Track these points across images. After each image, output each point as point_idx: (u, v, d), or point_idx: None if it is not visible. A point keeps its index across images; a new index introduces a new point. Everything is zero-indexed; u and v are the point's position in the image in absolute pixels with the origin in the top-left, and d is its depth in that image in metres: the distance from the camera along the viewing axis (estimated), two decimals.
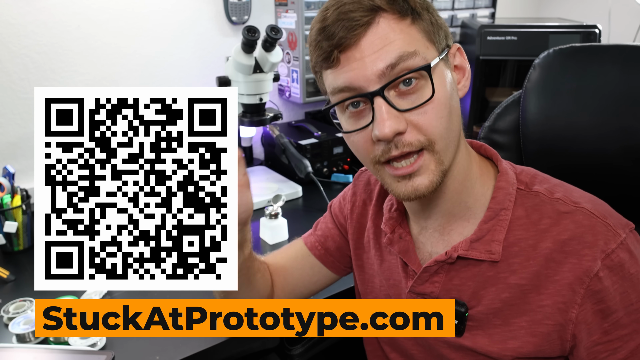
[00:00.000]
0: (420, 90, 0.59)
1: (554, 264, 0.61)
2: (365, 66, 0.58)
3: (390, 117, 0.58)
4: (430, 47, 0.61)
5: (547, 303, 0.61)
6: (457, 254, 0.65)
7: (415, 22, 0.60)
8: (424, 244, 0.72)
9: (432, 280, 0.69)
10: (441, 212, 0.68)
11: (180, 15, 1.56)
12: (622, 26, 2.05)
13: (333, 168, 1.61)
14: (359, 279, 0.84)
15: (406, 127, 0.59)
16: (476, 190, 0.67)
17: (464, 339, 0.67)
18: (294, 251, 0.90)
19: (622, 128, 0.80)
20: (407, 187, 0.61)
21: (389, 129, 0.58)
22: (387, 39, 0.58)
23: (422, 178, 0.61)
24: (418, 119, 0.59)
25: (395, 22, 0.59)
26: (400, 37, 0.58)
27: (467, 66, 0.66)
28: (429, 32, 0.61)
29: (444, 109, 0.60)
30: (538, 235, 0.63)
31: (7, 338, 0.88)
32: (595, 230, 0.60)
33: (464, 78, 0.66)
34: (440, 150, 0.60)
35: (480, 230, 0.65)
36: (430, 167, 0.61)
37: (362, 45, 0.58)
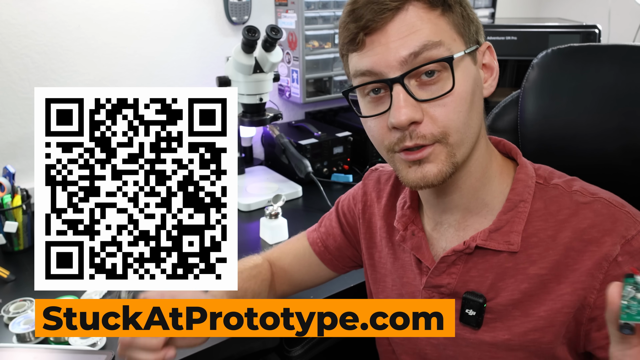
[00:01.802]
0: (442, 82, 0.59)
1: (574, 253, 0.61)
2: (389, 51, 0.58)
3: (407, 105, 0.58)
4: (458, 39, 0.60)
5: (567, 291, 0.61)
6: (476, 244, 0.65)
7: (445, 14, 0.59)
8: (438, 239, 0.71)
9: (449, 272, 0.68)
10: (457, 207, 0.68)
11: (180, 16, 1.56)
12: (622, 26, 2.06)
13: (333, 168, 1.61)
14: (371, 278, 0.84)
15: (422, 118, 0.59)
16: (494, 187, 0.67)
17: (482, 333, 0.66)
18: (296, 245, 0.92)
19: (621, 128, 0.80)
20: (417, 174, 0.62)
21: (405, 117, 0.58)
22: (414, 27, 0.58)
23: (432, 166, 0.61)
24: (435, 110, 0.59)
25: (424, 11, 0.58)
26: (427, 26, 0.58)
27: (495, 66, 0.66)
28: (458, 25, 0.60)
29: (464, 103, 0.60)
30: (557, 226, 0.63)
31: (8, 338, 0.88)
32: (615, 217, 0.60)
33: (492, 77, 0.66)
34: (453, 143, 0.60)
35: (499, 220, 0.65)
36: (441, 157, 0.61)
37: (389, 30, 0.58)
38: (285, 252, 0.92)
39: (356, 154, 1.66)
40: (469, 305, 0.66)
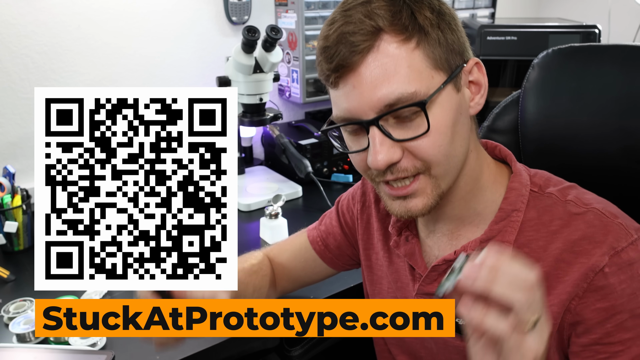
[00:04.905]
0: (419, 119, 0.58)
1: (564, 265, 0.61)
2: (362, 99, 0.57)
3: (383, 149, 0.57)
4: (436, 74, 0.58)
5: (554, 302, 0.60)
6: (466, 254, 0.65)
7: (420, 45, 0.57)
8: (432, 247, 0.71)
9: (440, 280, 0.68)
10: (450, 217, 0.68)
11: (180, 16, 1.56)
12: (622, 26, 2.06)
13: (333, 168, 1.61)
14: (367, 279, 0.84)
15: (401, 157, 0.59)
16: (487, 197, 0.67)
17: None
18: (295, 242, 0.93)
19: (622, 128, 0.80)
20: (402, 208, 0.62)
21: (382, 162, 0.58)
22: (387, 72, 0.56)
23: (417, 201, 0.61)
24: (414, 146, 0.58)
25: (397, 45, 0.56)
26: (401, 70, 0.56)
27: (483, 82, 0.64)
28: (434, 58, 0.58)
29: (444, 138, 0.59)
30: (548, 237, 0.62)
31: (8, 338, 0.88)
32: (607, 229, 0.59)
33: (479, 95, 0.64)
34: (437, 175, 0.60)
35: (490, 230, 0.65)
36: (426, 191, 0.61)
37: (361, 72, 0.57)
38: (285, 249, 0.93)
39: None
40: None
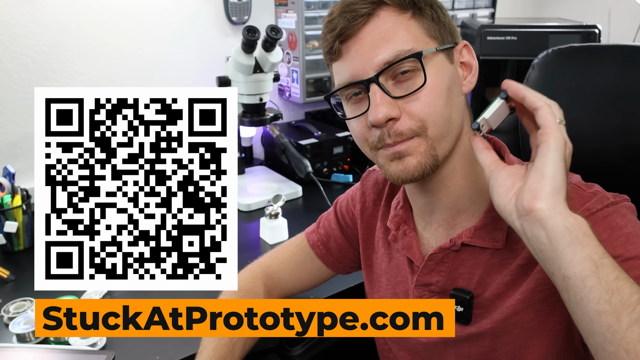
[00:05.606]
0: (415, 78, 0.61)
1: None
2: (364, 59, 0.61)
3: (384, 103, 0.60)
4: (430, 42, 0.63)
5: (539, 269, 0.61)
6: (462, 241, 0.66)
7: (415, 17, 0.62)
8: (429, 239, 0.72)
9: (437, 270, 0.69)
10: (445, 206, 0.69)
11: (180, 16, 1.56)
12: (622, 26, 2.06)
13: (333, 168, 1.61)
14: (367, 279, 0.84)
15: (399, 114, 0.61)
16: (481, 184, 0.68)
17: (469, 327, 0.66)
18: (295, 251, 0.92)
19: (621, 127, 0.80)
20: (398, 166, 0.63)
21: (382, 114, 0.60)
22: (387, 34, 0.61)
23: (411, 158, 0.62)
24: (411, 106, 0.61)
25: (395, 15, 0.62)
26: (400, 33, 0.61)
27: (474, 63, 0.68)
28: (429, 28, 0.63)
29: (439, 97, 0.62)
30: None
31: (8, 338, 0.88)
32: (584, 199, 0.61)
33: (471, 74, 0.68)
34: (432, 136, 0.62)
35: (485, 217, 0.66)
36: (420, 149, 0.62)
37: (362, 36, 0.61)
38: (284, 261, 0.91)
39: (356, 154, 1.66)
40: (457, 301, 0.67)
